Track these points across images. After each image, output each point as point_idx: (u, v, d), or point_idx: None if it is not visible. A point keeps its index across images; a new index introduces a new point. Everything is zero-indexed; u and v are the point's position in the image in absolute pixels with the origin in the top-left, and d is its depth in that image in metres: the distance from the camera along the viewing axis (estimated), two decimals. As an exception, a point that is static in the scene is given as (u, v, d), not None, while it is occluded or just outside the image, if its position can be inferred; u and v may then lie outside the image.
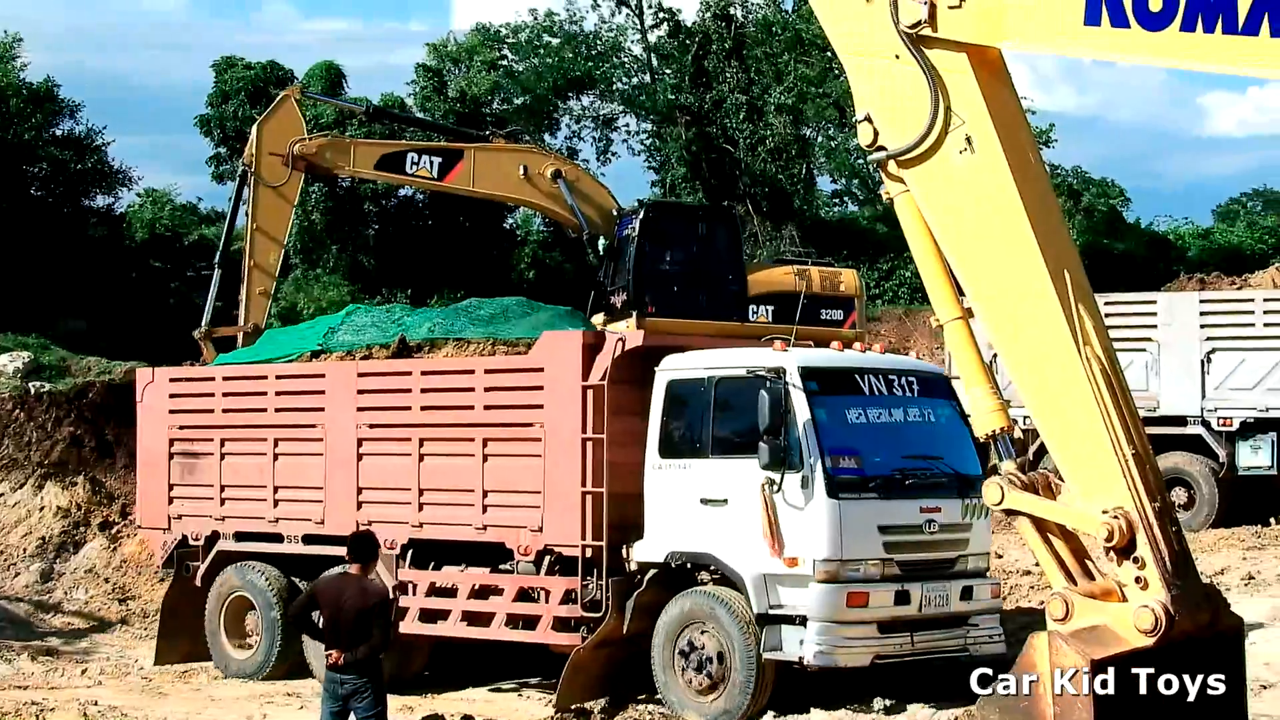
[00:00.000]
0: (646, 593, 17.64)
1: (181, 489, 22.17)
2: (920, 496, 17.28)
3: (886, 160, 12.29)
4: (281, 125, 25.74)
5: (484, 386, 19.15)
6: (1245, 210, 74.41)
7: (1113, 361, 11.85)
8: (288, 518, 20.90)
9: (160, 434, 22.46)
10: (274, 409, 21.27)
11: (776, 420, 16.45)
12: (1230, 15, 10.11)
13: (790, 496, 16.62)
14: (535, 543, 18.43)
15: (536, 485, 18.42)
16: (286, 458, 21.01)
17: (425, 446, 19.56)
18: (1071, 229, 47.13)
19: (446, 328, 20.67)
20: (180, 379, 23.03)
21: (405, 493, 19.70)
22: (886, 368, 17.83)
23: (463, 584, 19.20)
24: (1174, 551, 11.58)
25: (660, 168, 57.13)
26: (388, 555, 19.32)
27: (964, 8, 11.56)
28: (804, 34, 50.06)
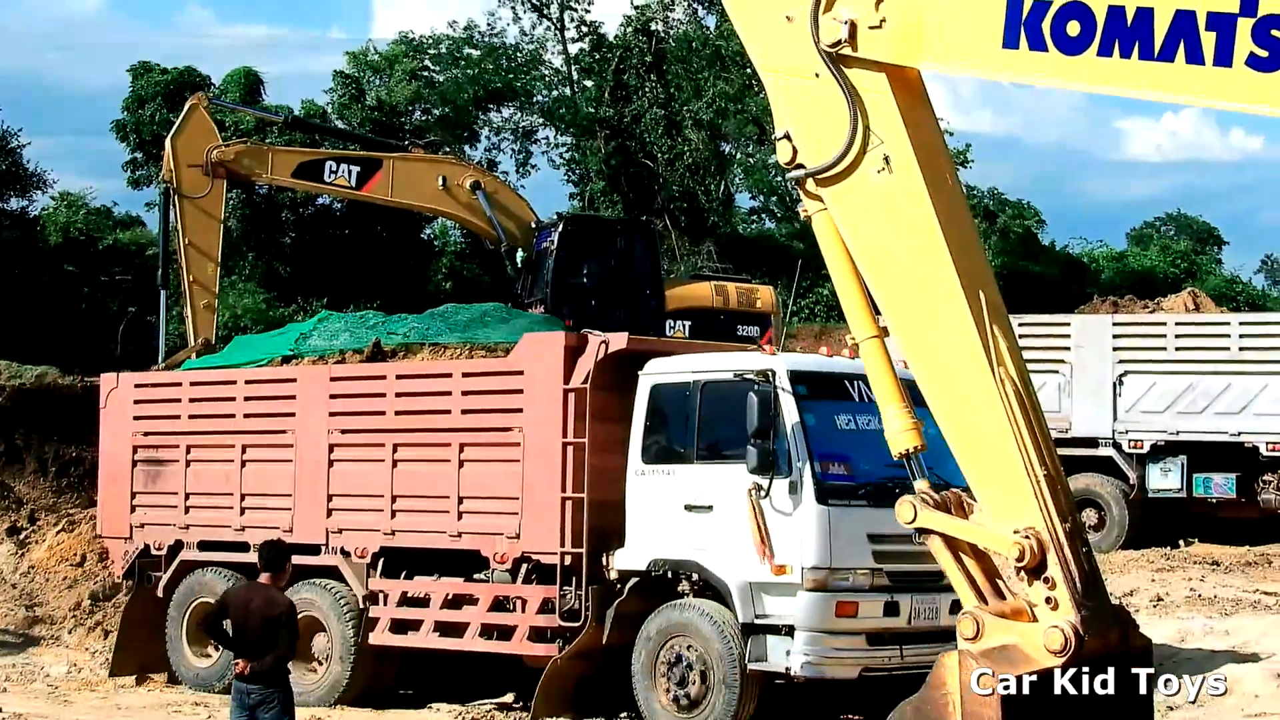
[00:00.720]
0: (628, 602, 17.16)
1: (145, 497, 21.65)
2: None
3: (805, 178, 12.31)
4: (194, 136, 25.63)
5: (461, 390, 18.73)
6: (1159, 234, 75.11)
7: (1026, 382, 11.91)
8: (255, 526, 20.23)
9: (124, 441, 21.95)
10: (243, 415, 20.82)
11: (765, 423, 16.03)
12: (1146, 41, 10.19)
13: (778, 502, 16.18)
14: (512, 550, 17.95)
15: (514, 491, 17.98)
16: (255, 464, 20.55)
17: (399, 452, 19.13)
18: (987, 250, 47.36)
19: (422, 332, 20.36)
20: (146, 384, 22.51)
21: (378, 500, 19.25)
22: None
23: (436, 593, 18.70)
24: (1084, 572, 11.64)
25: (579, 181, 57.18)
26: (358, 564, 19.08)
27: (884, 28, 11.60)
28: (724, 50, 50.22)
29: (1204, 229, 76.03)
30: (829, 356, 17.62)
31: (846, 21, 11.70)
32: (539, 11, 56.95)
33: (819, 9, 11.85)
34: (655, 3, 56.13)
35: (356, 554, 19.13)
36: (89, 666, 22.26)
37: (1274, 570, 26.92)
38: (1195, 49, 9.97)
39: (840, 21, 11.74)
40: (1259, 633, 19.51)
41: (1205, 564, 27.21)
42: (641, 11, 55.50)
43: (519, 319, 20.58)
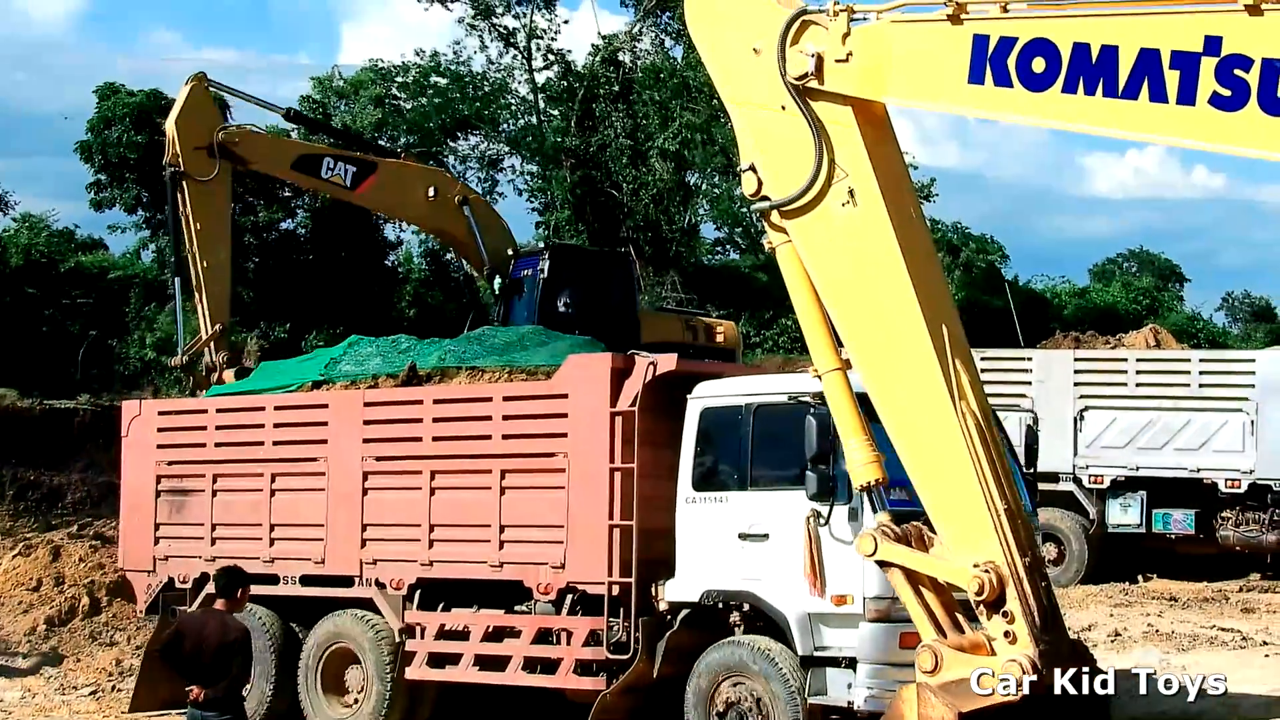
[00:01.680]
0: (679, 634, 16.28)
1: (169, 528, 20.72)
2: None
3: (770, 210, 12.35)
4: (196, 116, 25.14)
5: (502, 415, 17.85)
6: (1121, 271, 75.44)
7: (988, 417, 11.96)
8: (285, 557, 19.47)
9: (146, 470, 21.03)
10: (271, 442, 19.94)
11: (825, 448, 14.92)
12: (1111, 79, 10.25)
13: (837, 530, 15.13)
14: (556, 581, 17.12)
15: (559, 519, 17.13)
16: (284, 493, 19.66)
17: (437, 479, 18.27)
18: (950, 284, 47.51)
19: (459, 356, 19.52)
20: (169, 411, 21.78)
21: (414, 529, 18.39)
22: None
23: (476, 626, 17.80)
24: (1043, 606, 11.69)
25: (544, 210, 57.13)
26: (394, 596, 18.35)
27: (850, 62, 11.65)
28: (691, 81, 50.20)
29: (1166, 266, 76.41)
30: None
31: (813, 55, 11.76)
32: (506, 40, 56.95)
33: (786, 42, 11.91)
34: (623, 33, 56.21)
35: (392, 585, 18.39)
36: (43, 692, 22.06)
37: (1231, 606, 27.03)
38: (1159, 87, 10.03)
39: (807, 55, 11.79)
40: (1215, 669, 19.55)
41: (1163, 599, 27.33)
42: (609, 41, 55.55)
43: (558, 341, 19.60)
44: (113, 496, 31.29)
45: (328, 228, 50.31)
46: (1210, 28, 9.84)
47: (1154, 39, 10.08)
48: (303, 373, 20.97)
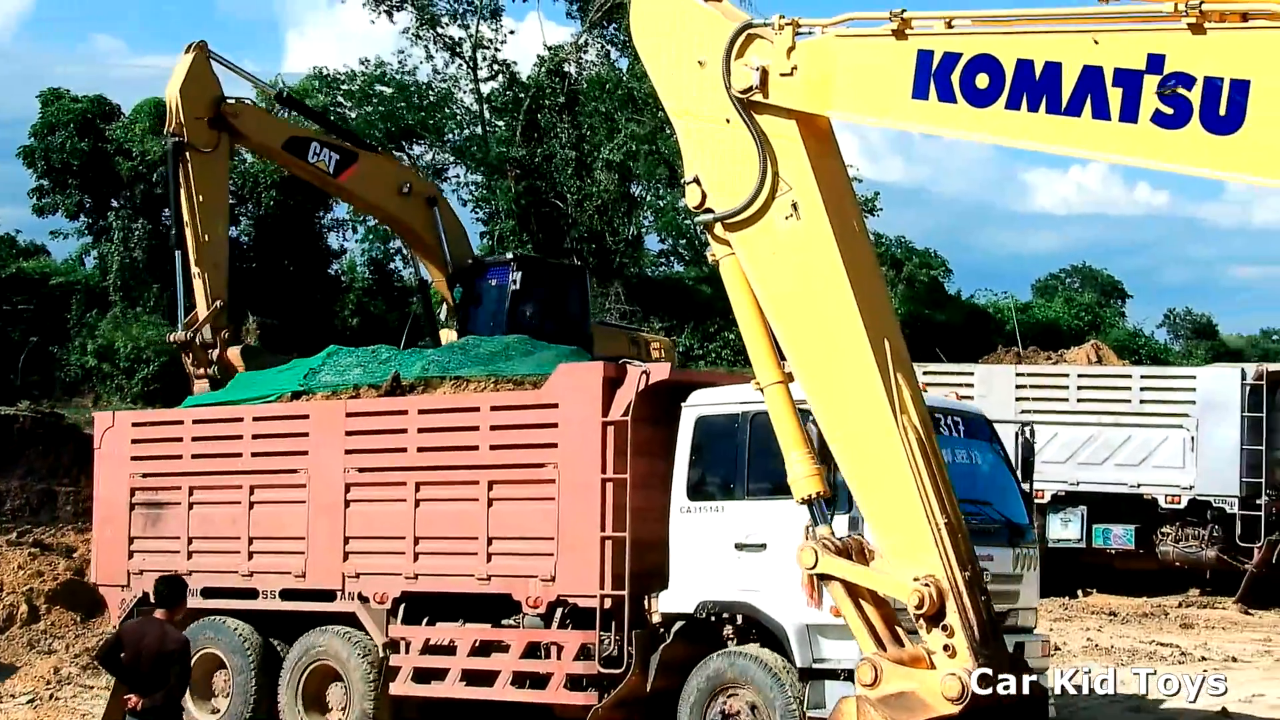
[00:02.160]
0: (673, 647, 15.97)
1: (143, 542, 20.29)
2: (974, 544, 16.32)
3: (713, 223, 12.35)
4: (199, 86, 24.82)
5: (490, 425, 17.50)
6: (1064, 286, 75.74)
7: (929, 431, 11.98)
8: (264, 571, 19.10)
9: (120, 483, 20.60)
10: (250, 453, 19.50)
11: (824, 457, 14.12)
12: (1054, 96, 10.28)
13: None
14: (547, 594, 16.81)
15: (549, 531, 16.78)
16: (264, 506, 19.27)
17: (422, 491, 17.91)
18: (893, 298, 47.70)
19: (443, 365, 19.26)
20: (144, 423, 21.36)
21: (399, 542, 18.01)
22: (933, 406, 15.82)
23: (463, 640, 17.49)
24: (982, 620, 11.71)
25: (489, 220, 57.06)
26: (378, 610, 17.97)
27: (795, 76, 11.66)
28: (636, 92, 50.22)
29: (1108, 282, 76.78)
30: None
31: (758, 68, 11.77)
32: (452, 50, 56.86)
33: (731, 55, 11.92)
34: (568, 44, 56.20)
35: (376, 599, 18.02)
36: (-19, 701, 21.92)
37: (1170, 622, 27.19)
38: (1102, 104, 10.07)
39: (752, 68, 11.80)
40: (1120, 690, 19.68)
41: (1103, 614, 27.47)
42: (554, 52, 55.53)
43: (543, 351, 19.50)
44: (51, 503, 31.23)
45: (271, 236, 50.17)
46: (1153, 46, 9.88)
47: (1097, 56, 10.11)
48: (281, 383, 20.66)
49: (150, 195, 47.15)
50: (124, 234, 47.08)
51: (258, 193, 50.18)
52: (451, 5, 56.67)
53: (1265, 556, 28.99)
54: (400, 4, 55.57)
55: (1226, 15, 9.62)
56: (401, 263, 57.24)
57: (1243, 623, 27.64)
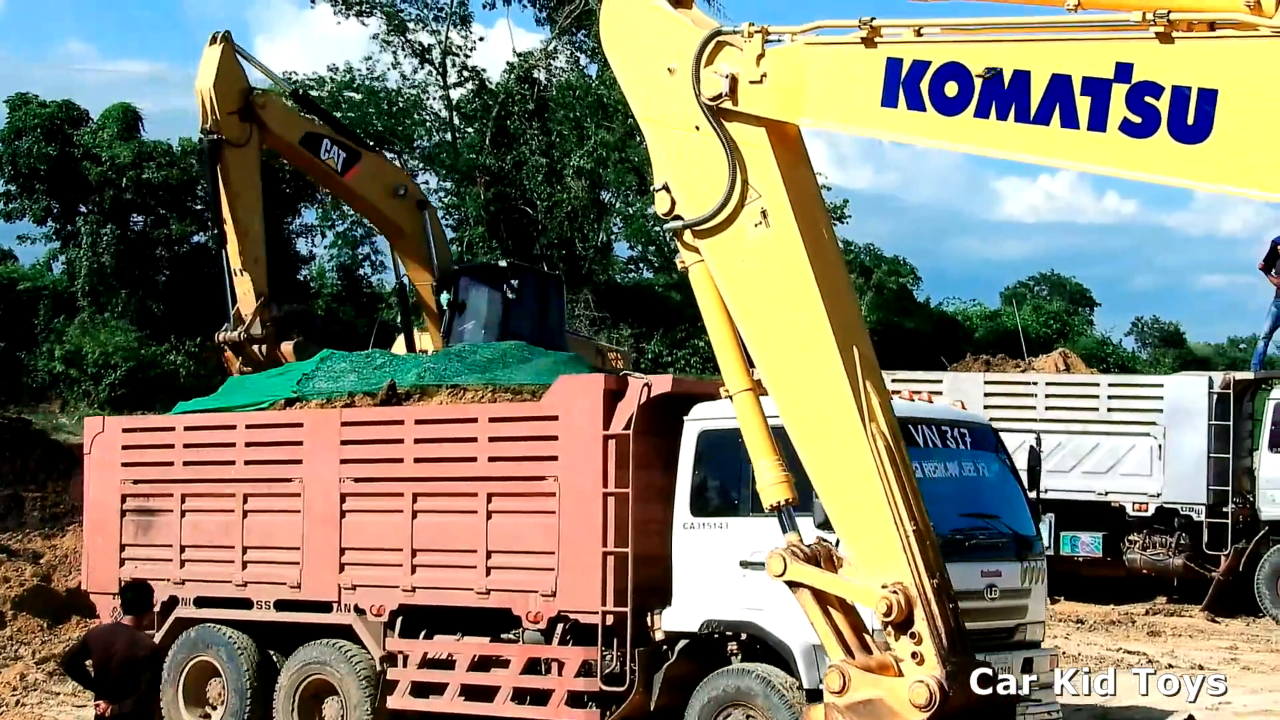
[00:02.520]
0: (677, 665, 15.75)
1: (135, 549, 20.01)
2: (981, 559, 15.59)
3: (683, 230, 12.35)
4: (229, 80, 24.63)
5: (488, 436, 17.23)
6: (1032, 294, 75.82)
7: (897, 438, 11.99)
8: (258, 581, 18.83)
9: (111, 489, 20.32)
10: (243, 461, 19.26)
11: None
12: (1023, 105, 10.30)
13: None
14: (547, 609, 16.51)
15: (549, 545, 16.51)
16: (257, 515, 19.02)
17: (419, 502, 17.65)
18: (862, 305, 47.79)
19: (439, 373, 19.01)
20: (135, 429, 21.09)
21: (395, 554, 17.72)
22: (938, 418, 16.21)
23: (462, 654, 17.23)
24: (950, 628, 11.72)
25: (458, 226, 57.00)
26: (374, 623, 17.69)
27: (765, 83, 11.67)
28: (606, 99, 50.25)
29: (1076, 290, 76.92)
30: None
31: (728, 75, 11.77)
32: (421, 57, 56.82)
33: (701, 62, 11.92)
34: (538, 50, 56.18)
35: (372, 612, 17.74)
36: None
37: (1138, 629, 27.26)
38: (1070, 113, 10.09)
39: (722, 75, 11.81)
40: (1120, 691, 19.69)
41: (1070, 622, 27.51)
42: (524, 59, 55.52)
43: (540, 359, 19.26)
44: (19, 509, 31.12)
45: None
46: (1121, 55, 9.91)
47: (1066, 65, 10.14)
48: (273, 389, 20.42)
49: (118, 201, 47.01)
50: (92, 239, 46.92)
51: (226, 198, 49.96)
52: (421, 11, 56.67)
53: (1232, 564, 29.09)
54: (370, 9, 55.54)
55: (1194, 25, 9.65)
56: (370, 269, 57.21)
57: (1209, 630, 27.73)
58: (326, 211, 56.17)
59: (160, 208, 48.40)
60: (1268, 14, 9.27)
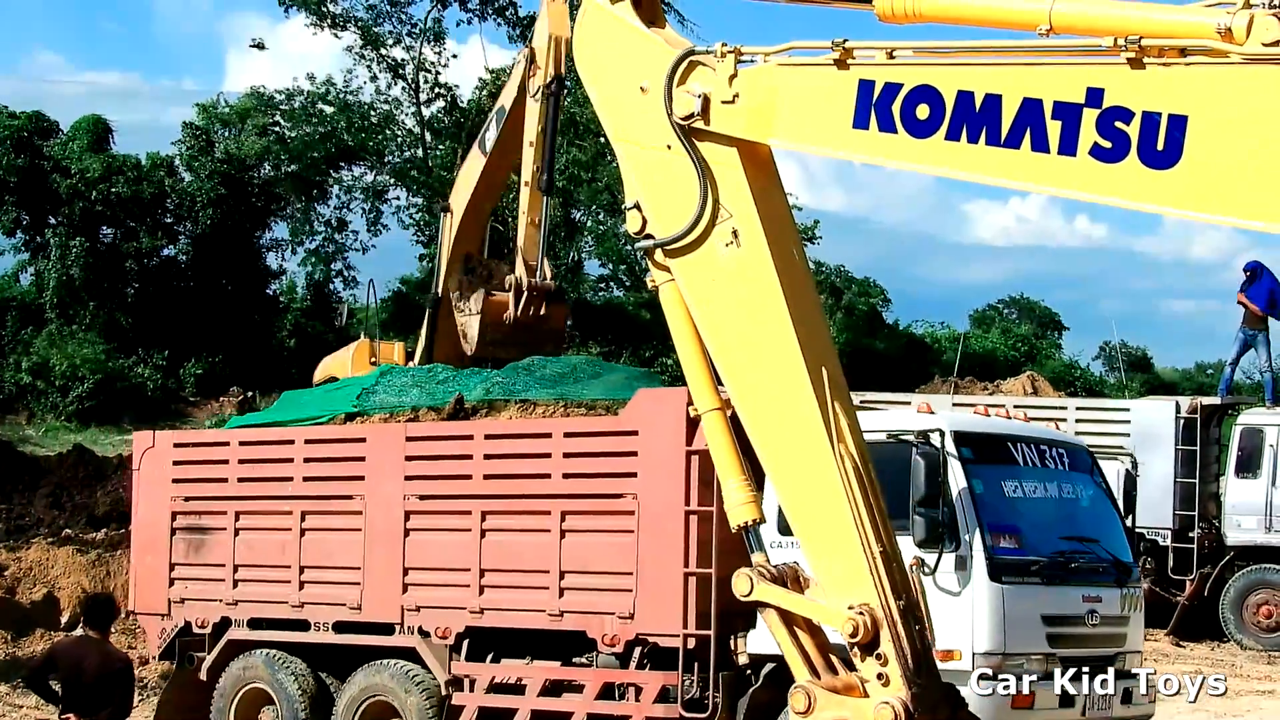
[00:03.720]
0: (761, 691, 15.26)
1: (185, 569, 19.43)
2: (1082, 584, 15.42)
3: (653, 249, 12.34)
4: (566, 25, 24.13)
5: (563, 453, 16.72)
6: (1001, 317, 76.03)
7: (865, 460, 11.99)
8: (316, 602, 18.29)
9: (161, 506, 19.71)
10: (302, 478, 18.69)
11: (933, 491, 14.31)
12: (994, 128, 10.32)
13: (942, 580, 14.47)
14: (625, 632, 15.98)
15: (627, 566, 15.97)
16: (316, 533, 18.46)
17: (488, 521, 17.10)
18: (831, 326, 47.83)
19: (507, 388, 18.70)
20: (186, 444, 20.47)
21: (463, 574, 17.20)
22: (1037, 437, 16.05)
23: (532, 679, 16.73)
24: (916, 650, 11.72)
25: (429, 242, 56.98)
26: (439, 646, 17.19)
27: (737, 103, 11.67)
28: (577, 117, 50.32)
29: (1045, 314, 77.14)
30: (984, 416, 16.49)
31: (700, 95, 11.77)
32: (394, 72, 56.85)
33: (673, 82, 11.92)
34: (510, 68, 56.17)
35: (437, 634, 17.22)
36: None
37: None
38: (1041, 137, 10.11)
39: (694, 95, 11.80)
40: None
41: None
42: (496, 76, 55.54)
43: (611, 373, 19.06)
44: (-14, 521, 31.03)
45: (209, 255, 50.03)
46: (1092, 79, 9.93)
47: (1037, 89, 10.16)
48: (331, 404, 20.06)
49: (88, 213, 46.96)
50: (61, 251, 46.89)
51: (195, 211, 50.04)
52: (395, 27, 56.72)
53: (1197, 589, 29.17)
54: (344, 23, 55.56)
55: (1165, 51, 9.68)
56: (341, 284, 57.19)
57: (1174, 654, 27.77)
58: (298, 226, 56.19)
59: (130, 221, 48.41)
60: (1238, 42, 9.31)
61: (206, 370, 47.31)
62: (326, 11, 55.44)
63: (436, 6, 56.78)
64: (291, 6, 55.77)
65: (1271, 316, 32.19)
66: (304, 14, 55.54)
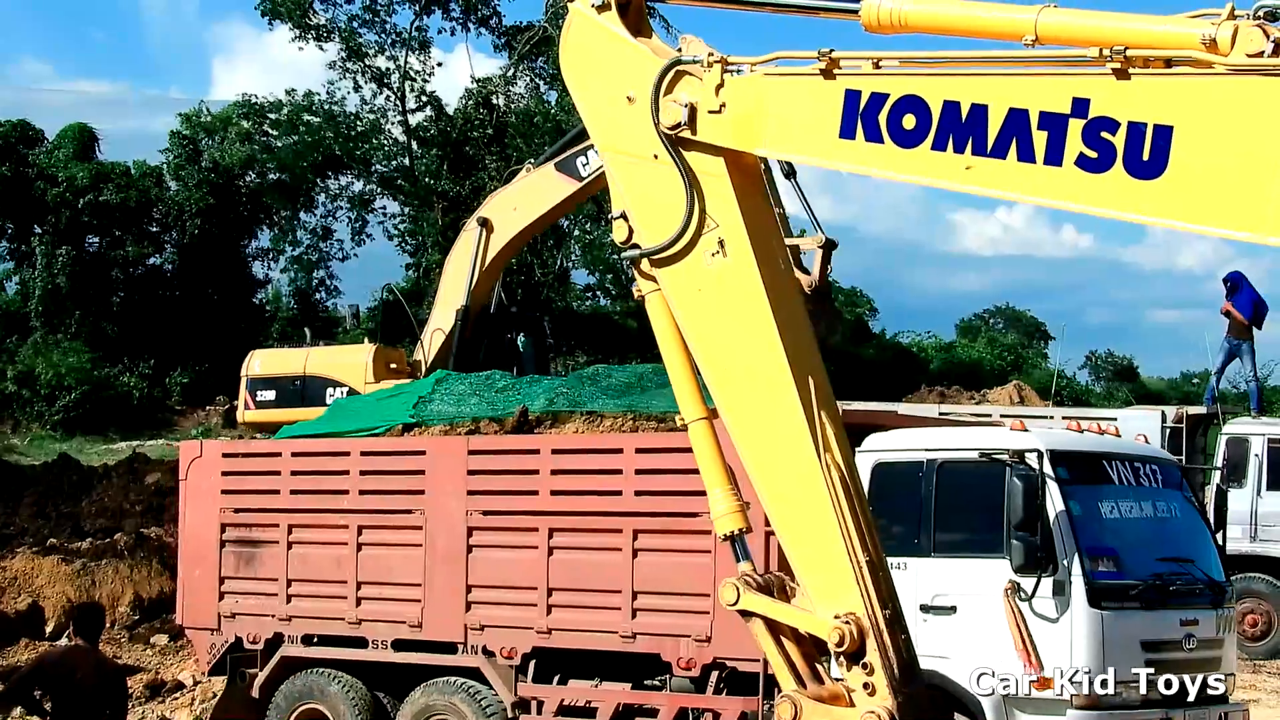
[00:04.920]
0: None
1: (236, 583, 19.11)
2: (1180, 607, 14.97)
3: (640, 258, 12.34)
4: None
5: (635, 469, 16.28)
6: (987, 327, 76.13)
7: (852, 469, 12.00)
8: (374, 619, 17.96)
9: (210, 518, 19.36)
10: (358, 490, 18.31)
11: (1031, 514, 13.94)
12: (980, 138, 10.32)
13: (1039, 604, 14.17)
14: (701, 655, 15.60)
15: (704, 587, 15.38)
16: (373, 548, 18.12)
17: (556, 538, 16.72)
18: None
19: (572, 398, 18.26)
20: (236, 454, 20.06)
21: (529, 593, 16.84)
22: (1131, 454, 15.63)
23: (603, 702, 16.27)
24: (902, 659, 11.72)
25: (415, 252, 56.99)
26: (505, 666, 16.84)
27: (724, 113, 11.67)
28: (565, 125, 50.34)
29: (1031, 323, 77.26)
30: (1077, 432, 16.10)
31: (687, 105, 11.76)
32: (380, 81, 56.83)
33: (660, 91, 11.92)
34: (496, 76, 56.22)
35: (503, 654, 16.89)
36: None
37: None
38: (1027, 147, 10.12)
39: (681, 104, 11.80)
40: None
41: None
42: (482, 85, 55.57)
43: None
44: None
45: (195, 264, 50.02)
46: (1078, 90, 9.95)
47: (1023, 99, 10.17)
48: (387, 413, 19.68)
49: (74, 222, 46.95)
50: (47, 260, 46.86)
51: (182, 221, 50.03)
52: (380, 37, 56.71)
53: (1182, 598, 29.17)
54: (328, 34, 55.54)
55: (1151, 61, 9.70)
56: (324, 293, 57.18)
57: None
58: (282, 235, 56.18)
59: (116, 229, 48.37)
60: (1223, 53, 9.33)
61: (192, 379, 47.31)
62: (309, 24, 55.42)
63: (419, 16, 56.83)
64: (275, 19, 55.78)
65: (1255, 326, 32.25)
66: (288, 26, 55.53)
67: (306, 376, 27.21)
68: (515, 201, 26.08)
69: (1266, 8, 9.33)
